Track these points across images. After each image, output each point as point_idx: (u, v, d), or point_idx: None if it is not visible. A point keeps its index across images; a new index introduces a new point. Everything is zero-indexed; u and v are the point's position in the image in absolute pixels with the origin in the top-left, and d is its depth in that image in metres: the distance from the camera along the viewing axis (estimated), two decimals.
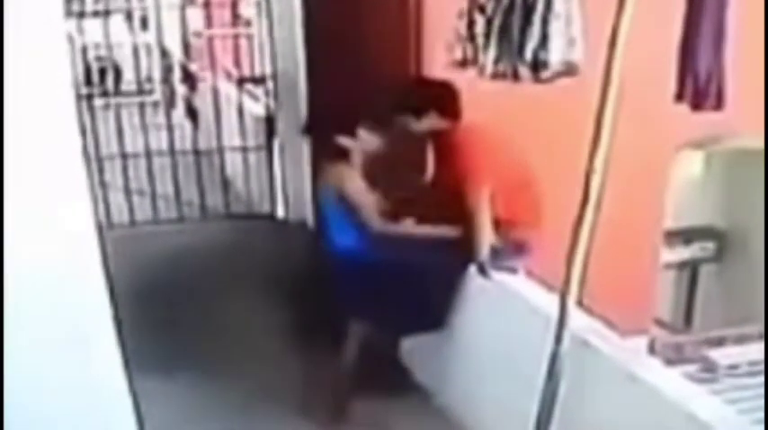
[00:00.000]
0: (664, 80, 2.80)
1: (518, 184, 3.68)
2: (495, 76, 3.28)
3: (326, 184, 3.89)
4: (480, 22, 3.29)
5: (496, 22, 3.21)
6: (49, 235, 2.42)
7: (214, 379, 4.16)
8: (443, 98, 3.71)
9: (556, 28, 3.07)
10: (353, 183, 3.76)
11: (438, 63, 3.83)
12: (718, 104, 2.78)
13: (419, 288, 3.65)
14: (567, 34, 3.09)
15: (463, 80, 3.58)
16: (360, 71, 4.51)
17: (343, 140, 3.79)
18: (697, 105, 2.76)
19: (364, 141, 3.82)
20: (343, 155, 3.82)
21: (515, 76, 3.23)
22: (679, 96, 2.78)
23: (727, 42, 2.72)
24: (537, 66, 3.14)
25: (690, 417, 2.47)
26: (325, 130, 3.93)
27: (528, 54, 3.11)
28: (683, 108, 2.81)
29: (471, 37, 3.38)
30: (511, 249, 3.68)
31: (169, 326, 4.60)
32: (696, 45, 2.70)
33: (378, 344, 3.89)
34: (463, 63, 3.47)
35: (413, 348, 4.13)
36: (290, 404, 3.86)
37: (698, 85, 2.72)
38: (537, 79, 3.21)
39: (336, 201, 3.77)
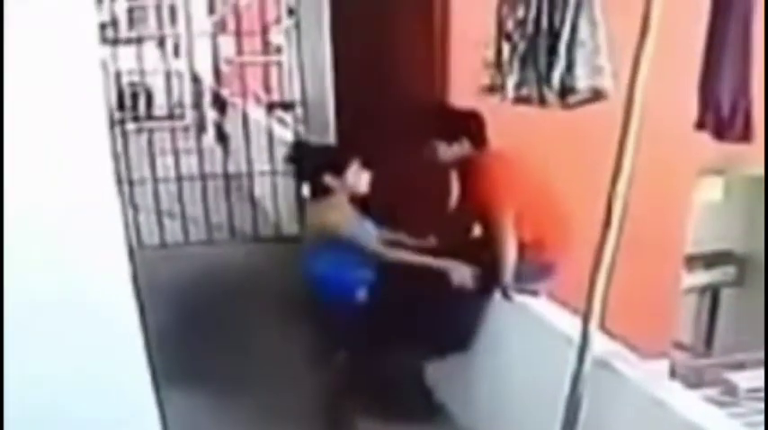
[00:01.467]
0: (686, 105, 2.81)
1: (543, 207, 3.71)
2: (518, 100, 3.30)
3: (316, 228, 3.68)
4: (506, 50, 3.33)
5: (520, 48, 3.24)
6: (82, 255, 2.50)
7: (235, 397, 4.22)
8: (473, 126, 3.76)
9: (581, 55, 3.08)
10: (350, 223, 3.61)
11: (464, 90, 3.88)
12: (745, 136, 2.65)
13: (441, 312, 3.67)
14: (593, 62, 3.09)
15: (490, 105, 3.62)
16: (387, 98, 4.57)
17: (329, 179, 3.59)
18: (720, 135, 2.67)
19: (353, 179, 3.63)
20: (326, 192, 3.63)
21: (541, 101, 3.25)
22: (700, 125, 2.72)
23: (753, 69, 2.62)
24: (564, 91, 3.16)
25: None
26: (311, 164, 3.70)
27: (555, 80, 3.14)
28: (705, 134, 2.80)
29: (499, 64, 3.42)
30: (535, 272, 3.70)
31: (195, 344, 4.66)
32: (719, 71, 2.64)
33: (401, 367, 3.92)
34: (491, 89, 3.51)
35: (436, 370, 4.15)
36: (311, 424, 3.90)
37: (721, 115, 2.65)
38: (564, 105, 3.23)
39: (331, 243, 3.58)
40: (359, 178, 3.65)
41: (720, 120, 2.66)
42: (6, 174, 2.33)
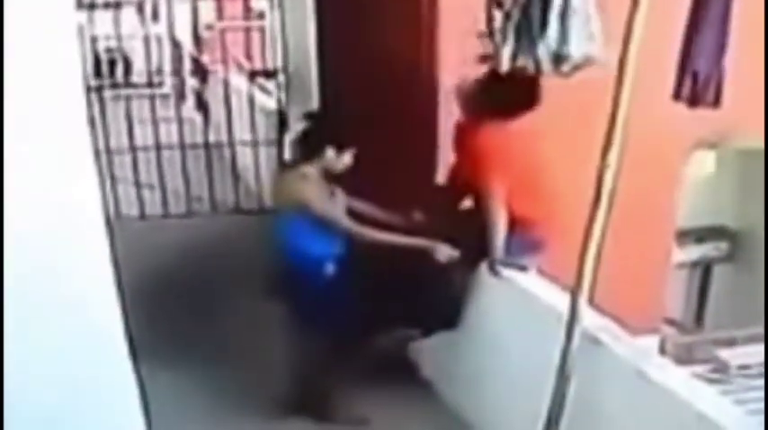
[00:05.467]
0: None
1: (535, 181, 3.64)
2: (513, 71, 3.26)
3: (285, 199, 3.66)
4: (498, 18, 3.29)
5: (514, 18, 3.21)
6: (58, 227, 2.42)
7: (215, 370, 4.19)
8: (534, 98, 3.59)
9: (575, 23, 3.08)
10: (320, 198, 3.55)
11: (453, 58, 3.82)
12: (716, 102, 2.76)
13: (422, 287, 3.62)
14: (586, 29, 3.09)
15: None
16: (372, 65, 4.49)
17: (330, 154, 3.55)
18: (694, 102, 2.76)
19: (346, 160, 3.60)
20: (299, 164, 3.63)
21: (537, 71, 3.22)
22: (676, 95, 2.77)
23: (729, 43, 2.72)
24: (559, 60, 3.13)
25: (700, 417, 2.47)
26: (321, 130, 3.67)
27: (550, 48, 3.11)
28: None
29: (491, 32, 3.37)
30: (525, 247, 3.66)
31: (175, 319, 4.61)
32: (697, 45, 2.70)
33: (385, 342, 3.88)
34: (483, 59, 3.46)
35: (421, 345, 4.12)
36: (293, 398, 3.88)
37: (696, 85, 2.73)
38: (559, 73, 3.20)
39: (300, 214, 3.56)
40: (346, 159, 3.60)
41: (695, 88, 2.74)
42: None
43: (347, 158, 3.60)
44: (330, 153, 3.56)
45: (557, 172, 3.65)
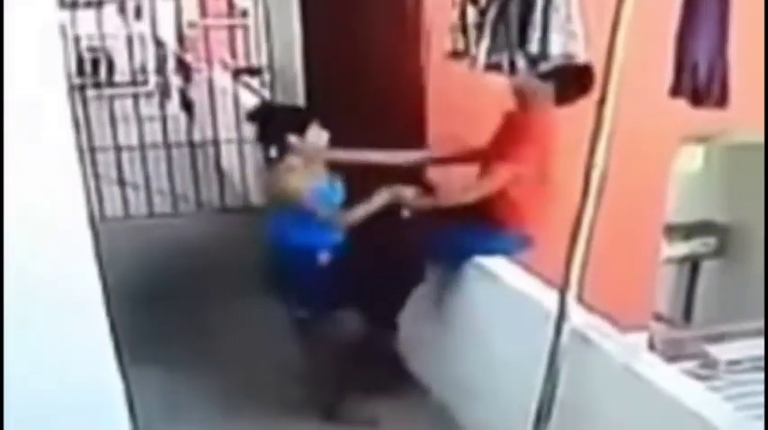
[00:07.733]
0: (665, 72, 2.76)
1: (539, 174, 3.56)
2: (489, 67, 3.23)
3: (275, 194, 3.61)
4: (472, 13, 3.26)
5: (491, 14, 3.17)
6: (42, 227, 2.41)
7: (203, 371, 4.15)
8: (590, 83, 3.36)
9: (555, 21, 3.03)
10: (308, 185, 3.48)
11: (438, 53, 3.79)
12: (722, 101, 2.61)
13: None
14: (566, 28, 3.05)
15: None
16: (357, 62, 4.47)
17: (293, 139, 3.50)
18: (697, 101, 2.61)
19: (314, 139, 3.55)
20: (284, 154, 3.56)
21: (512, 69, 3.18)
22: (675, 92, 2.63)
23: (729, 33, 2.58)
24: (536, 58, 3.09)
25: (689, 413, 2.45)
26: (275, 124, 3.63)
27: (528, 46, 3.07)
28: (685, 102, 2.74)
29: (463, 28, 3.34)
30: (515, 243, 3.64)
31: (161, 319, 4.58)
32: (695, 35, 2.57)
33: (374, 338, 3.86)
34: (455, 54, 3.42)
35: (410, 343, 4.10)
36: (281, 399, 3.86)
37: (697, 80, 2.58)
38: (534, 72, 3.16)
39: (289, 207, 3.51)
40: (319, 137, 3.56)
41: (697, 84, 2.59)
42: None
43: (321, 136, 3.56)
44: (293, 139, 3.51)
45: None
